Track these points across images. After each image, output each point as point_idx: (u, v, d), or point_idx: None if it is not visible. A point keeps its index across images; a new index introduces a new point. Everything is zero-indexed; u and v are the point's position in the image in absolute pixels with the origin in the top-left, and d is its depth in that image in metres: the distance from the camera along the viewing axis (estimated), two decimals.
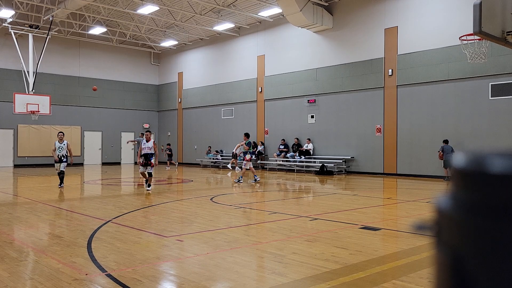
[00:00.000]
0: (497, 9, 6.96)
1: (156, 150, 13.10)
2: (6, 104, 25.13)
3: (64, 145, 14.03)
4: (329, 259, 5.23)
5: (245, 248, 5.92)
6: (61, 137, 14.12)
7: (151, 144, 13.01)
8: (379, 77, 19.37)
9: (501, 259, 0.54)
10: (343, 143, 20.73)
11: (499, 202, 0.56)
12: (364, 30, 19.93)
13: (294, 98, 22.97)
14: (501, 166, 0.57)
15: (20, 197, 12.12)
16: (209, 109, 28.40)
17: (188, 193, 13.19)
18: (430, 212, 0.66)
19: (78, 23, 26.41)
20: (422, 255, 5.39)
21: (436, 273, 0.63)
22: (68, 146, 14.13)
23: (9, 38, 24.86)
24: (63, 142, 14.07)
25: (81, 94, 29.20)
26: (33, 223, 7.99)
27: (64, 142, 14.09)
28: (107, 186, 15.57)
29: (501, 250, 0.54)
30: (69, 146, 14.24)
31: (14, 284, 4.37)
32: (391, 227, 7.71)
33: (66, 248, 5.84)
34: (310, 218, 8.26)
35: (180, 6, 22.98)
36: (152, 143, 13.03)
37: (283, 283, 4.37)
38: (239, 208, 9.80)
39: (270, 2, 21.69)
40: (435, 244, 0.64)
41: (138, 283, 4.35)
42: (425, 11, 17.82)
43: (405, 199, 11.38)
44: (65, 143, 14.07)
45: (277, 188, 15.24)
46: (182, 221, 8.20)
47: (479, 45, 13.01)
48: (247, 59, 25.73)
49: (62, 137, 14.12)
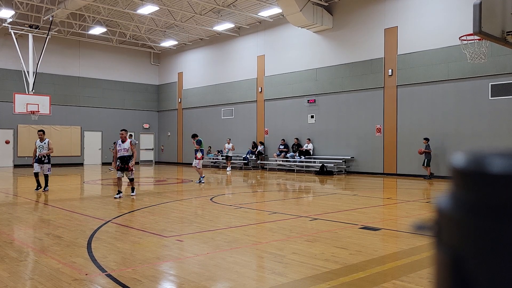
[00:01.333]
0: (497, 9, 6.96)
1: (134, 151, 11.62)
2: (6, 104, 25.12)
3: (45, 144, 12.68)
4: (329, 259, 5.23)
5: (245, 248, 5.92)
6: (41, 135, 12.72)
7: (127, 145, 11.48)
8: (379, 77, 19.37)
9: (501, 259, 0.54)
10: (343, 143, 20.73)
11: (499, 202, 0.56)
12: (364, 30, 19.93)
13: (294, 98, 22.97)
14: (501, 166, 0.56)
15: (20, 197, 12.12)
16: (209, 109, 28.40)
17: (188, 193, 13.19)
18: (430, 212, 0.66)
19: (78, 23, 26.41)
20: (422, 255, 5.39)
21: (436, 273, 0.63)
22: (49, 145, 12.75)
23: (9, 38, 24.85)
24: (44, 141, 12.71)
25: (81, 94, 29.20)
26: (33, 223, 7.99)
27: (45, 141, 12.73)
28: (107, 186, 15.57)
29: (501, 250, 0.54)
30: (51, 145, 12.84)
31: (14, 284, 4.37)
32: (391, 227, 7.71)
33: (66, 248, 5.84)
34: (310, 218, 8.26)
35: (180, 6, 22.98)
36: (129, 143, 11.52)
37: (283, 283, 4.37)
38: (239, 208, 9.80)
39: (270, 2, 21.69)
40: (435, 244, 0.64)
41: (138, 283, 4.35)
42: (425, 11, 17.82)
43: (405, 199, 11.38)
44: (46, 142, 12.70)
45: (277, 188, 15.24)
46: (182, 221, 8.20)
47: (479, 45, 13.00)
48: (247, 59, 25.73)
49: (42, 136, 12.73)
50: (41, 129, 13.62)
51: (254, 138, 25.14)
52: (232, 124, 26.73)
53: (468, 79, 16.55)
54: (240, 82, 26.12)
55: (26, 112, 23.23)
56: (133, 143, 11.81)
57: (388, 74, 19.05)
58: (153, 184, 17.01)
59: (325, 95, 21.51)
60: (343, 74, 20.71)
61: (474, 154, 0.61)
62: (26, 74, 23.87)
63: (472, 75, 16.38)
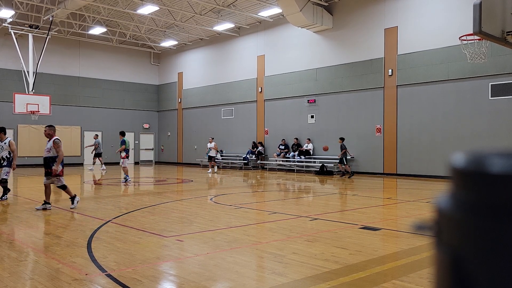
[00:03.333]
0: (497, 9, 6.96)
1: (60, 151, 9.32)
2: (6, 104, 25.12)
3: (6, 144, 10.76)
4: (329, 259, 5.23)
5: (245, 248, 5.92)
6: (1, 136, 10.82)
7: (50, 144, 9.34)
8: (379, 77, 19.37)
9: (501, 259, 0.54)
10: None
11: (499, 202, 0.56)
12: (364, 30, 19.93)
13: (294, 98, 22.97)
14: (501, 166, 0.57)
15: (20, 197, 12.11)
16: (209, 109, 28.40)
17: (188, 193, 13.19)
18: (430, 212, 0.66)
19: (78, 23, 26.41)
20: (422, 255, 5.39)
21: (436, 273, 0.63)
22: (11, 146, 10.81)
23: (9, 38, 24.85)
24: (4, 140, 10.80)
25: (81, 94, 29.20)
26: (33, 223, 7.99)
27: (6, 141, 10.80)
28: (107, 186, 15.57)
29: (501, 250, 0.54)
30: (13, 146, 10.87)
31: (14, 284, 4.37)
32: (391, 227, 7.71)
33: (66, 248, 5.84)
34: (310, 218, 8.26)
35: (180, 6, 22.98)
36: (52, 142, 9.32)
37: (283, 283, 4.37)
38: (239, 208, 9.80)
39: (270, 2, 21.69)
40: (435, 244, 0.64)
41: (138, 283, 4.35)
42: (425, 11, 17.82)
43: (405, 199, 11.38)
44: (6, 142, 10.78)
45: (277, 188, 15.24)
46: (182, 221, 8.20)
47: (479, 45, 13.00)
48: (247, 59, 25.73)
49: (2, 136, 10.82)
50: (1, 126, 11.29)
51: (254, 138, 25.14)
52: (232, 124, 26.73)
53: (468, 79, 16.54)
54: (240, 82, 26.12)
55: (26, 112, 23.23)
56: (56, 142, 9.33)
57: (388, 74, 19.05)
58: (153, 184, 17.01)
59: (325, 95, 21.51)
60: (343, 74, 20.71)
61: (474, 154, 0.61)
62: (26, 74, 23.86)
63: (472, 75, 16.38)
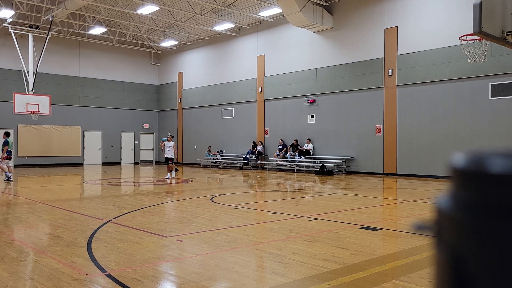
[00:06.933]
0: (497, 9, 6.96)
1: None
2: (6, 104, 25.12)
3: None
4: (329, 259, 5.23)
5: (245, 248, 5.92)
6: None
7: None
8: (379, 77, 19.37)
9: (501, 259, 0.54)
10: (343, 143, 20.73)
11: (499, 202, 0.56)
12: (364, 30, 19.93)
13: (294, 98, 22.97)
14: (501, 166, 0.56)
15: (20, 197, 12.12)
16: (209, 109, 28.40)
17: (188, 193, 13.19)
18: (430, 212, 0.66)
19: (78, 23, 26.40)
20: (422, 255, 5.39)
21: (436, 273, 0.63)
22: None
23: (9, 38, 24.85)
24: None
25: (81, 94, 29.20)
26: (33, 223, 7.99)
27: None
28: (107, 186, 15.57)
29: (501, 250, 0.54)
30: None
31: (14, 284, 4.37)
32: (391, 227, 7.71)
33: (66, 248, 5.84)
34: (310, 218, 8.26)
35: (180, 6, 22.98)
36: None
37: (283, 283, 4.37)
38: (239, 208, 9.80)
39: (270, 2, 21.69)
40: (435, 244, 0.64)
41: (138, 283, 4.35)
42: (425, 11, 17.82)
43: (405, 199, 11.38)
44: None
45: (277, 188, 15.24)
46: (182, 221, 8.20)
47: (479, 45, 13.00)
48: (247, 59, 25.73)
49: None
50: None
51: (254, 138, 25.14)
52: (232, 124, 26.73)
53: (468, 79, 16.54)
54: (240, 82, 26.12)
55: (26, 112, 23.23)
56: None
57: (388, 74, 19.05)
58: (153, 184, 17.01)
59: (325, 95, 21.51)
60: (343, 74, 20.71)
61: (474, 154, 0.61)
62: (26, 74, 23.86)
63: (472, 75, 16.38)
